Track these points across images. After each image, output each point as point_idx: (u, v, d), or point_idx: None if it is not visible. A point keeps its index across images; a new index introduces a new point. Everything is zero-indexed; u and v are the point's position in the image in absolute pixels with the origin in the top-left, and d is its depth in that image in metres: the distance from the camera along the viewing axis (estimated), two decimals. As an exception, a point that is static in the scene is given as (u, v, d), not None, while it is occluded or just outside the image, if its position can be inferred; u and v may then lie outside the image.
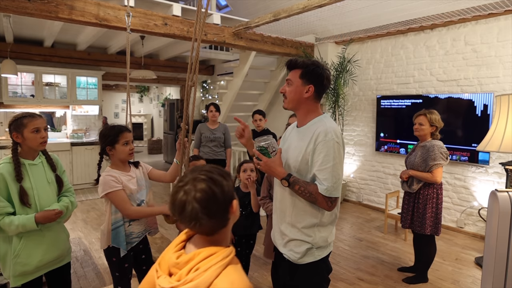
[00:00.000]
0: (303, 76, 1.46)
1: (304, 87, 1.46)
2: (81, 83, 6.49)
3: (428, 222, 2.70)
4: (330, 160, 1.37)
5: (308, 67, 1.46)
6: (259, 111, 3.85)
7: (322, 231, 1.48)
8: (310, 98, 1.48)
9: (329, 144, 1.38)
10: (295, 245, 1.48)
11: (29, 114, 1.74)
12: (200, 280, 0.79)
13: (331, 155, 1.38)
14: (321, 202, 1.39)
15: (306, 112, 1.51)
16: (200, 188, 0.84)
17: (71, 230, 3.96)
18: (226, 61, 7.67)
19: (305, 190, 1.40)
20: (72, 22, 3.26)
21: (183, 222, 0.86)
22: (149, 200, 2.02)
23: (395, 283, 2.86)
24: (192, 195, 0.83)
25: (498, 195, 2.11)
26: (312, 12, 3.91)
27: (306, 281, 1.50)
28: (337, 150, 1.39)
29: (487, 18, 3.73)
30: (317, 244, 1.47)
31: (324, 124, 1.45)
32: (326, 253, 1.51)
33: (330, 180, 1.37)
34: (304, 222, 1.47)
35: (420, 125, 2.73)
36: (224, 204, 0.87)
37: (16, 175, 1.65)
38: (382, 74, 4.84)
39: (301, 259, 1.47)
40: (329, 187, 1.36)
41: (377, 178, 4.96)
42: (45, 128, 1.76)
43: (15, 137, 1.70)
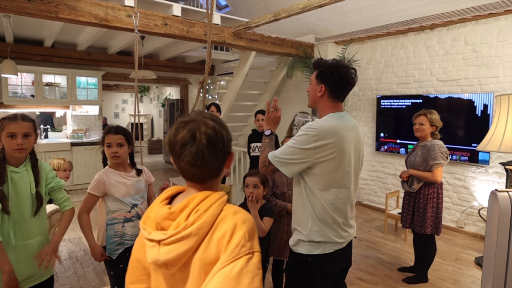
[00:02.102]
0: (317, 76, 1.57)
1: (318, 86, 1.56)
2: (81, 83, 6.49)
3: (428, 222, 2.70)
4: (291, 142, 1.49)
5: (321, 67, 1.55)
6: (262, 111, 3.84)
7: (314, 225, 1.50)
8: (324, 97, 1.56)
9: (301, 132, 1.50)
10: (295, 234, 1.60)
11: (11, 117, 1.58)
12: (204, 219, 0.77)
13: (295, 139, 1.49)
14: (261, 160, 1.58)
15: (322, 109, 1.61)
16: (211, 125, 0.83)
17: (71, 230, 3.96)
18: (226, 61, 7.67)
19: (265, 145, 1.63)
20: (72, 22, 3.26)
21: (183, 160, 0.81)
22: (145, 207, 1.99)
23: (395, 283, 2.86)
24: (203, 130, 0.81)
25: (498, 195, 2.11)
26: (312, 12, 3.90)
27: (294, 269, 1.58)
28: (302, 138, 1.47)
29: (487, 18, 3.73)
30: (309, 237, 1.50)
31: (322, 121, 1.53)
32: (317, 251, 1.50)
33: (280, 152, 1.50)
34: (301, 214, 1.56)
35: (420, 125, 2.73)
36: (226, 149, 0.87)
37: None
38: (382, 74, 4.84)
39: (294, 247, 1.57)
40: (274, 155, 1.50)
41: (377, 178, 4.96)
42: (25, 134, 1.57)
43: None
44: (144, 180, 2.02)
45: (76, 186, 6.10)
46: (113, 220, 1.87)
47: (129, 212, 1.90)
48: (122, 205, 1.88)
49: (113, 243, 1.86)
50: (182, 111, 8.53)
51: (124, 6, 3.42)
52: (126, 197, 1.89)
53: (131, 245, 1.88)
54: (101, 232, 1.89)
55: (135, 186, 1.93)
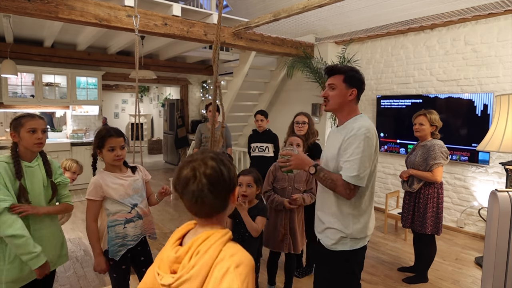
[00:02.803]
0: (346, 81, 1.61)
1: (348, 90, 1.61)
2: (81, 83, 6.49)
3: (429, 222, 2.70)
4: (359, 152, 1.49)
5: (349, 72, 1.62)
6: (262, 111, 3.84)
7: (356, 223, 1.58)
8: (353, 101, 1.64)
9: (360, 138, 1.50)
10: (332, 233, 1.61)
11: (28, 115, 1.73)
12: (202, 262, 0.79)
13: (360, 147, 1.49)
14: (340, 188, 1.51)
15: (347, 113, 1.65)
16: (211, 165, 0.85)
17: (71, 230, 3.96)
18: (226, 61, 7.67)
19: (328, 177, 1.55)
20: (72, 22, 3.26)
21: (185, 198, 0.85)
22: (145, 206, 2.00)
23: (395, 283, 2.86)
24: (202, 170, 0.84)
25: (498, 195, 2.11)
26: (312, 12, 3.90)
27: (331, 266, 1.62)
28: (366, 144, 1.50)
29: (487, 18, 3.73)
30: (352, 235, 1.57)
31: (358, 121, 1.59)
32: (358, 245, 1.59)
33: (356, 169, 1.48)
34: (338, 212, 1.59)
35: (420, 125, 2.73)
36: (229, 186, 0.88)
37: (16, 172, 1.64)
38: (382, 74, 4.84)
39: (334, 246, 1.59)
40: (354, 175, 1.48)
41: (377, 178, 4.96)
42: (43, 130, 1.73)
43: (12, 136, 1.70)
44: (140, 179, 2.00)
45: (76, 186, 6.09)
46: (114, 222, 1.85)
47: (129, 213, 1.89)
48: (122, 206, 1.87)
49: (116, 245, 1.84)
50: (182, 111, 8.53)
51: (124, 6, 3.42)
52: (125, 198, 1.88)
53: (133, 245, 1.90)
54: (102, 235, 1.87)
55: (132, 186, 1.92)
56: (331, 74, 1.65)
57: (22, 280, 1.67)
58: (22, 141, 1.68)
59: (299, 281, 2.87)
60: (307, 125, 2.90)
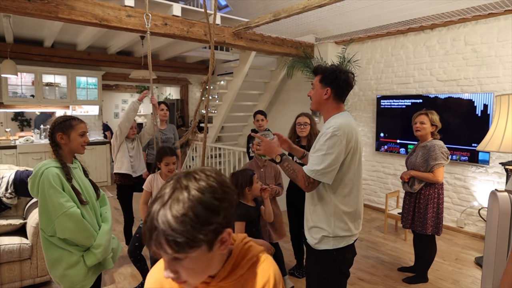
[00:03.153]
0: (322, 80, 1.64)
1: (323, 89, 1.63)
2: (81, 83, 6.48)
3: (429, 222, 2.70)
4: (323, 149, 1.52)
5: (326, 72, 1.63)
6: (261, 111, 3.83)
7: (339, 221, 1.58)
8: (329, 99, 1.64)
9: (327, 135, 1.52)
10: (315, 231, 1.63)
11: (75, 118, 1.79)
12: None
13: (326, 144, 1.51)
14: (300, 179, 1.55)
15: (327, 111, 1.67)
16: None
17: (71, 230, 3.95)
18: (226, 61, 7.67)
19: (291, 168, 1.60)
20: (72, 22, 3.26)
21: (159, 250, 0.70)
22: None
23: (395, 283, 2.86)
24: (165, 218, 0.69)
25: (498, 195, 2.11)
26: (312, 12, 3.90)
27: (319, 266, 1.64)
28: (332, 142, 1.51)
29: (487, 18, 3.73)
30: (334, 233, 1.58)
31: (333, 120, 1.60)
32: (342, 244, 1.60)
33: (316, 164, 1.51)
34: (321, 212, 1.61)
35: (421, 124, 2.72)
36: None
37: (66, 175, 1.67)
38: (382, 74, 4.84)
39: (317, 245, 1.61)
40: (314, 170, 1.51)
41: (377, 178, 4.96)
42: (87, 133, 1.83)
43: (59, 137, 1.70)
44: None
45: (76, 186, 6.09)
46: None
47: None
48: None
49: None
50: (182, 111, 8.53)
51: (124, 6, 3.42)
52: None
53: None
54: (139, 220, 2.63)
55: None
56: (315, 75, 1.70)
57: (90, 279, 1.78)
58: (70, 143, 1.73)
59: (299, 281, 2.87)
60: (309, 126, 2.88)
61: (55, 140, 1.71)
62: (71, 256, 1.68)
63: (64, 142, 1.71)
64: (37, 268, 2.68)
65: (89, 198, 1.78)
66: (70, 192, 1.66)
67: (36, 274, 2.68)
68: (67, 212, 1.60)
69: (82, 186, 1.77)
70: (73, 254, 1.68)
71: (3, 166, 3.33)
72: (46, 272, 2.72)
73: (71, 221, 1.61)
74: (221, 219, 0.70)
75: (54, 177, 1.61)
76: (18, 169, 2.96)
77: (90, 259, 1.71)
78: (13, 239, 2.63)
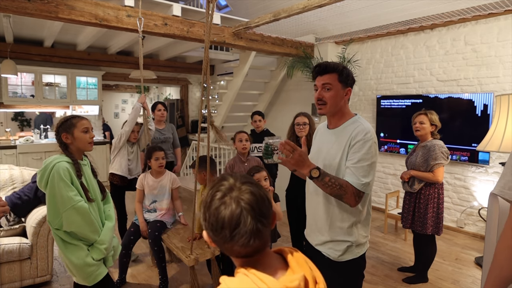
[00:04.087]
0: (342, 80, 1.47)
1: (344, 90, 1.49)
2: (81, 83, 6.48)
3: (429, 222, 2.70)
4: (369, 159, 1.40)
5: (343, 70, 1.48)
6: (259, 112, 3.83)
7: (360, 228, 1.51)
8: (346, 101, 1.52)
9: (369, 143, 1.41)
10: (335, 245, 1.51)
11: (76, 116, 1.80)
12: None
13: (370, 153, 1.41)
14: (349, 196, 1.38)
15: (342, 114, 1.53)
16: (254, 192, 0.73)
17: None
18: (226, 61, 7.67)
19: (335, 182, 1.37)
20: (72, 22, 3.26)
21: (237, 242, 0.70)
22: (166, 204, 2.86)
23: (395, 283, 2.86)
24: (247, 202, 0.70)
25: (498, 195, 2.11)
26: (312, 12, 3.90)
27: (342, 279, 1.52)
28: (374, 150, 1.43)
29: (487, 18, 3.73)
30: (357, 242, 1.50)
31: (361, 124, 1.47)
32: (364, 250, 1.54)
33: (367, 176, 1.39)
34: (344, 221, 1.49)
35: (421, 124, 2.72)
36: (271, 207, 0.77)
37: (77, 171, 1.70)
38: (382, 74, 4.84)
39: (342, 257, 1.50)
40: (365, 183, 1.39)
41: (377, 178, 4.96)
42: (91, 128, 1.84)
43: (64, 137, 1.73)
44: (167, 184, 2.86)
45: (76, 186, 6.09)
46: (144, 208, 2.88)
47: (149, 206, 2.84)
48: (146, 200, 2.86)
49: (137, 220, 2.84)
50: (182, 111, 8.52)
51: (124, 6, 3.42)
52: (149, 194, 2.84)
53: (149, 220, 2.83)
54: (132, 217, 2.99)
55: (158, 188, 2.83)
56: (324, 73, 1.47)
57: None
58: (76, 141, 1.74)
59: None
60: (308, 126, 2.87)
61: (62, 141, 1.74)
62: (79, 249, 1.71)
63: (70, 141, 1.74)
64: (37, 268, 2.68)
65: (94, 197, 1.81)
66: (78, 188, 1.69)
67: (36, 274, 2.68)
68: (76, 205, 1.62)
69: (90, 184, 1.79)
70: (80, 248, 1.72)
71: (3, 166, 3.33)
72: (46, 272, 2.73)
73: (78, 215, 1.64)
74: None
75: (65, 171, 1.63)
76: (5, 195, 2.91)
77: (95, 254, 1.73)
78: (13, 239, 2.63)
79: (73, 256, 1.70)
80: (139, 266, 3.11)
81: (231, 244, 0.71)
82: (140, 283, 2.84)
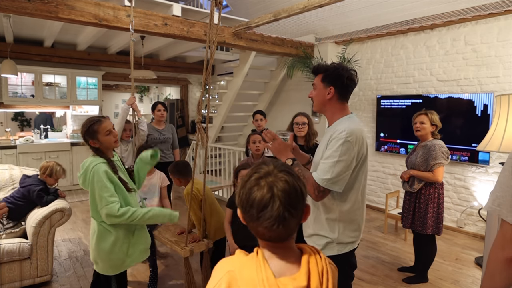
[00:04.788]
0: (324, 79, 1.55)
1: (326, 89, 1.54)
2: (81, 83, 6.49)
3: (429, 222, 2.70)
4: (335, 156, 1.43)
5: (327, 70, 1.54)
6: (260, 111, 3.83)
7: (344, 227, 1.53)
8: (333, 99, 1.55)
9: (340, 141, 1.43)
10: (317, 239, 1.58)
11: (96, 120, 1.88)
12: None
13: (338, 151, 1.43)
14: (309, 187, 1.45)
15: (332, 113, 1.58)
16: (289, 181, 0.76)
17: (72, 230, 3.96)
18: (226, 61, 7.67)
19: (300, 174, 1.44)
20: (72, 22, 3.26)
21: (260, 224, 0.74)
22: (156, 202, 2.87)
23: (395, 283, 2.86)
24: (281, 190, 0.74)
25: (498, 195, 2.10)
26: (312, 12, 3.90)
27: None
28: (345, 148, 1.43)
29: (487, 18, 3.73)
30: (338, 240, 1.53)
31: (343, 123, 1.51)
32: (347, 249, 1.55)
33: (327, 172, 1.43)
34: (325, 215, 1.54)
35: (421, 124, 2.72)
36: (304, 205, 0.79)
37: (113, 168, 1.85)
38: (382, 74, 4.84)
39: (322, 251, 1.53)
40: (323, 177, 1.43)
41: (377, 178, 4.96)
42: (113, 127, 1.93)
43: (92, 143, 1.87)
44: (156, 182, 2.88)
45: (76, 186, 6.09)
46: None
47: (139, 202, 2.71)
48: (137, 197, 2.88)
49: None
50: (182, 111, 8.52)
51: (124, 6, 3.42)
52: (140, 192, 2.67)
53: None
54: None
55: (148, 186, 2.84)
56: (315, 74, 1.59)
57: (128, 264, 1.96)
58: (103, 144, 1.87)
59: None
60: (307, 125, 2.87)
61: (91, 146, 1.89)
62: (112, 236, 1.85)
63: (98, 145, 1.87)
64: (37, 268, 2.68)
65: (133, 187, 1.98)
66: (118, 184, 1.84)
67: (36, 274, 2.68)
68: (108, 206, 1.76)
69: (126, 176, 1.95)
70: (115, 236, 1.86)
71: (3, 166, 3.33)
72: (46, 272, 2.73)
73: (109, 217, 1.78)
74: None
75: (103, 173, 1.78)
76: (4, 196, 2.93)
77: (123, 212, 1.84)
78: (13, 239, 2.64)
79: (105, 242, 1.84)
80: (138, 266, 3.11)
81: (256, 224, 0.75)
82: (140, 281, 2.84)
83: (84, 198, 5.52)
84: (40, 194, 2.81)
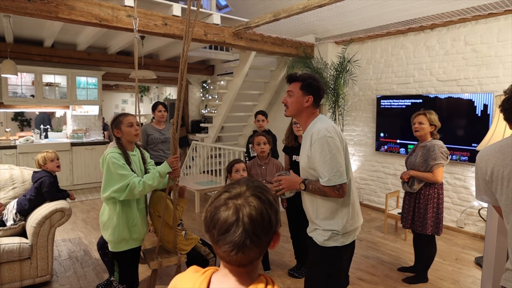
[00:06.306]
0: (303, 88, 1.70)
1: (304, 97, 1.70)
2: (81, 83, 6.49)
3: (429, 222, 2.70)
4: (326, 154, 1.57)
5: (306, 80, 1.70)
6: (262, 112, 3.81)
7: (344, 215, 1.66)
8: (309, 106, 1.72)
9: (322, 140, 1.58)
10: (323, 231, 1.68)
11: (123, 113, 2.14)
12: None
13: (326, 149, 1.57)
14: (329, 192, 1.58)
15: (306, 118, 1.75)
16: (257, 207, 0.70)
17: (71, 230, 3.96)
18: (226, 61, 7.67)
19: (316, 188, 1.62)
20: (72, 22, 3.26)
21: (220, 246, 0.70)
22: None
23: (395, 283, 2.86)
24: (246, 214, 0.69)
25: (498, 195, 2.10)
26: (312, 12, 3.90)
27: (325, 264, 1.69)
28: (331, 143, 1.58)
29: (487, 18, 3.73)
30: (344, 230, 1.65)
31: (316, 124, 1.67)
32: (350, 239, 1.68)
33: (330, 171, 1.56)
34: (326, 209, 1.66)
35: (420, 124, 2.72)
36: (273, 232, 0.75)
37: (126, 159, 2.03)
38: (382, 74, 4.84)
39: (326, 242, 1.66)
40: (330, 177, 1.56)
41: (377, 178, 4.96)
42: (136, 123, 2.13)
43: (116, 132, 2.08)
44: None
45: (76, 186, 6.10)
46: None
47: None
48: None
49: None
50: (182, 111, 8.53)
51: (124, 6, 3.42)
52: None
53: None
54: None
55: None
56: (291, 81, 1.74)
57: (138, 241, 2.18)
58: (124, 135, 2.08)
59: (299, 281, 2.88)
60: None
61: (114, 135, 2.09)
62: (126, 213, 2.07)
63: (120, 135, 2.08)
64: (37, 268, 2.68)
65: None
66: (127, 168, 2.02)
67: (36, 274, 2.68)
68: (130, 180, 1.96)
69: (137, 170, 2.11)
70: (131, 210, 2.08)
71: (3, 166, 3.33)
72: (46, 272, 2.73)
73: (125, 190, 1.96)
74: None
75: (115, 157, 1.98)
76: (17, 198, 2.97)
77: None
78: (13, 239, 2.64)
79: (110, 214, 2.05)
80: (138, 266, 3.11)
81: (215, 246, 0.71)
82: (140, 281, 2.84)
83: (84, 198, 5.52)
84: (50, 186, 2.86)
